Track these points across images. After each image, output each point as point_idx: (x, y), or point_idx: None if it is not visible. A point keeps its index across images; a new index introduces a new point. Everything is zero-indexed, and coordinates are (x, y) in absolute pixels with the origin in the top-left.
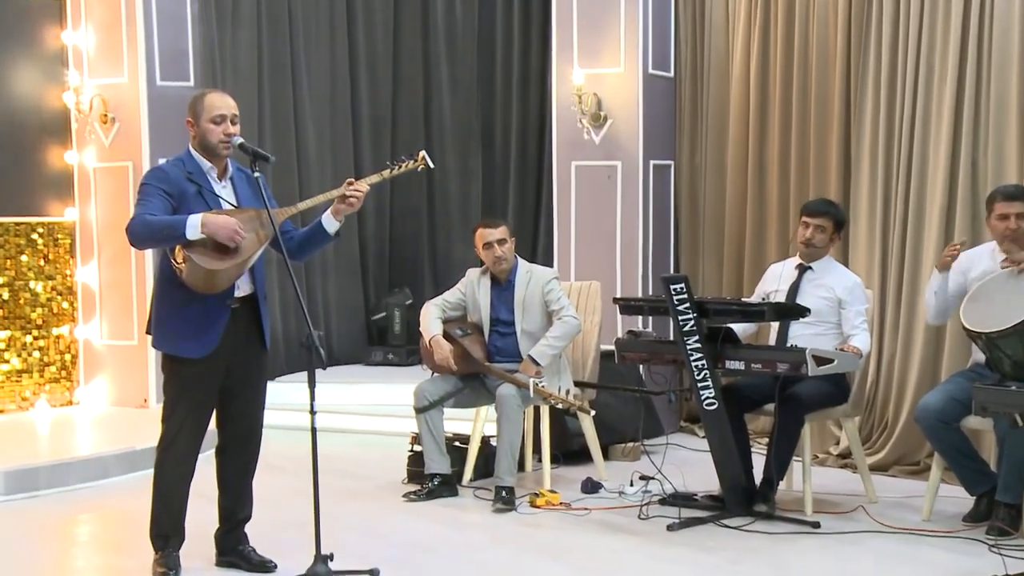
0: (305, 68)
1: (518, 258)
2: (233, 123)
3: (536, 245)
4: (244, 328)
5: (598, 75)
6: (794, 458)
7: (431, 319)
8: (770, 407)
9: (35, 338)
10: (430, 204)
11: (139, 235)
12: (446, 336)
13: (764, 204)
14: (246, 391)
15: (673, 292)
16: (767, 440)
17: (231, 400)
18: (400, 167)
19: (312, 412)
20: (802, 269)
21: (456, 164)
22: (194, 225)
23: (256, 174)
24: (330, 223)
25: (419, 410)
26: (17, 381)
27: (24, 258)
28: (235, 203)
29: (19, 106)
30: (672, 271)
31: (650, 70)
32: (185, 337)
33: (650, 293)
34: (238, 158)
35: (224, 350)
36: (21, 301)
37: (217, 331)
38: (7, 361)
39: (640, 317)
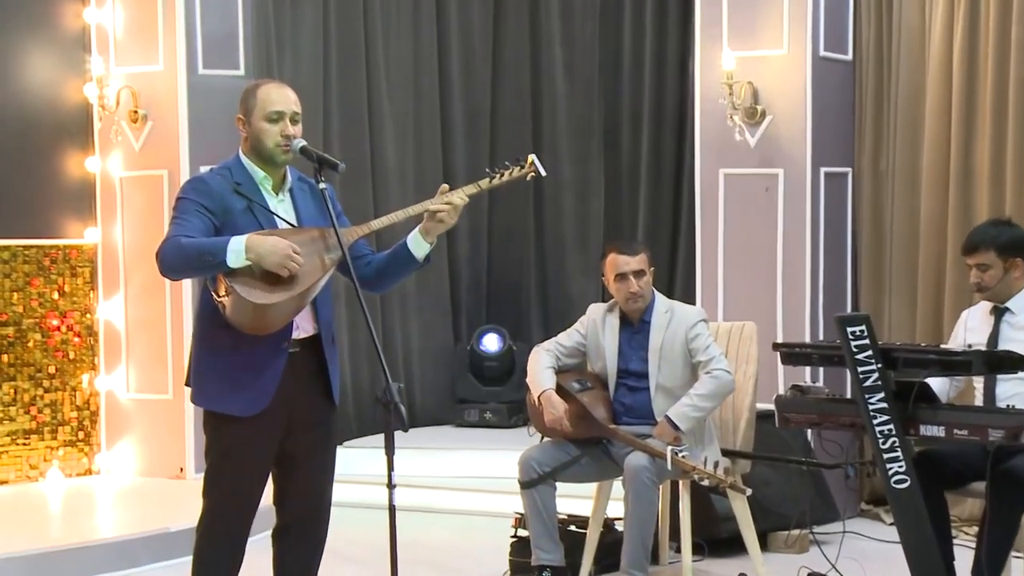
0: (383, 53)
1: (656, 293)
2: (293, 122)
3: (673, 276)
4: (305, 379)
5: (754, 59)
6: (1013, 553)
7: (541, 369)
8: (979, 485)
9: (46, 390)
10: (539, 223)
11: (171, 262)
12: (560, 391)
13: (970, 222)
14: (309, 459)
15: (851, 336)
16: (976, 528)
17: (291, 471)
18: (502, 175)
19: (390, 486)
20: (998, 312)
21: (573, 172)
22: (236, 249)
23: (322, 185)
24: (418, 245)
25: (525, 484)
26: (24, 444)
27: (34, 290)
28: (294, 221)
29: (30, 101)
30: (849, 309)
31: (822, 52)
32: (231, 390)
33: (820, 337)
34: (299, 166)
35: (281, 407)
36: (30, 344)
37: (271, 383)
38: (12, 419)
39: (808, 368)
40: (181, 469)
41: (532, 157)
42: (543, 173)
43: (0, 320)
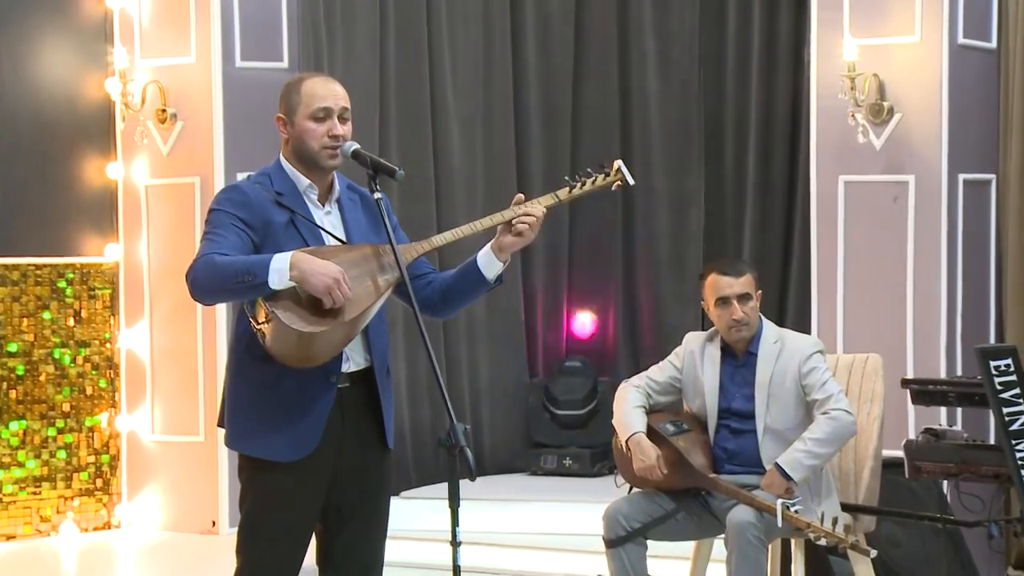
0: (448, 42)
1: (763, 320)
2: (343, 120)
3: (784, 300)
4: (357, 419)
5: (881, 48)
6: None
7: (630, 409)
8: None
9: (60, 431)
10: (627, 239)
11: (204, 284)
12: (651, 434)
13: None
14: (360, 512)
15: (995, 372)
16: None
17: (339, 525)
18: (584, 185)
19: (455, 544)
20: None
21: (667, 181)
22: (280, 268)
23: (376, 195)
24: (489, 263)
25: (612, 543)
26: (35, 493)
27: (47, 316)
28: (343, 237)
29: (44, 98)
30: (993, 339)
31: (960, 39)
32: (272, 431)
33: (958, 373)
34: (350, 172)
35: (328, 451)
36: (42, 378)
37: (317, 423)
38: (21, 464)
39: (943, 409)
40: (213, 523)
41: (619, 164)
42: (631, 182)
43: (8, 350)
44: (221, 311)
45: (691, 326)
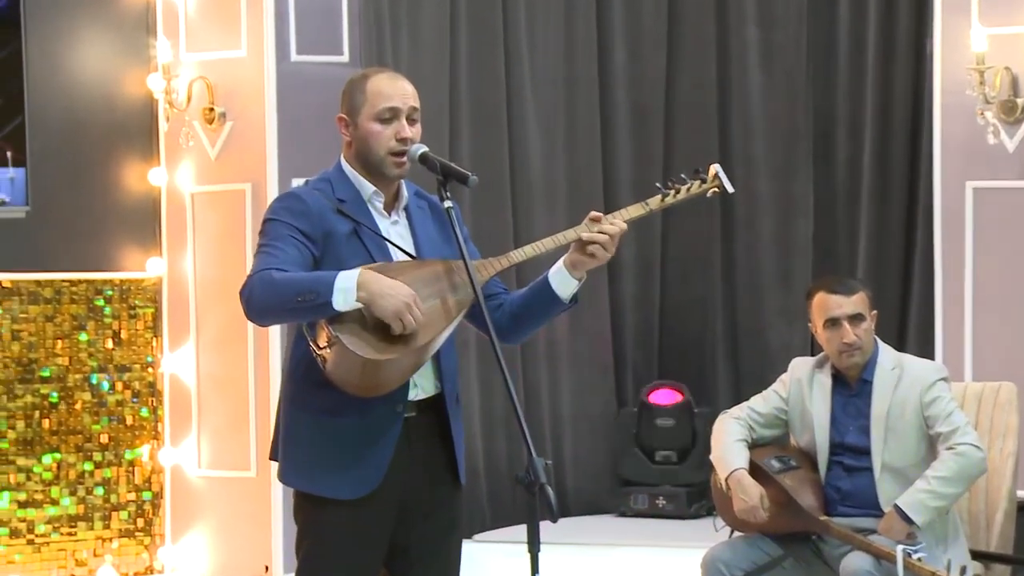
0: (526, 34)
1: (879, 344)
2: (411, 121)
3: (904, 322)
4: (425, 452)
5: (1013, 38)
6: None
7: (730, 443)
8: None
9: (97, 465)
10: (727, 253)
11: (260, 303)
12: (754, 471)
13: None
14: (428, 555)
15: None
16: None
17: (406, 568)
18: (678, 192)
19: None
20: None
21: (770, 186)
22: (346, 288)
23: (447, 204)
24: (563, 282)
25: None
26: (70, 534)
27: (83, 337)
28: (412, 250)
29: (79, 96)
30: None
31: None
32: (331, 466)
33: None
34: (419, 179)
35: (393, 487)
36: (77, 406)
37: (382, 457)
38: (54, 502)
39: None
40: (267, 568)
41: (716, 168)
42: (730, 189)
43: (40, 376)
44: (275, 332)
45: (798, 350)
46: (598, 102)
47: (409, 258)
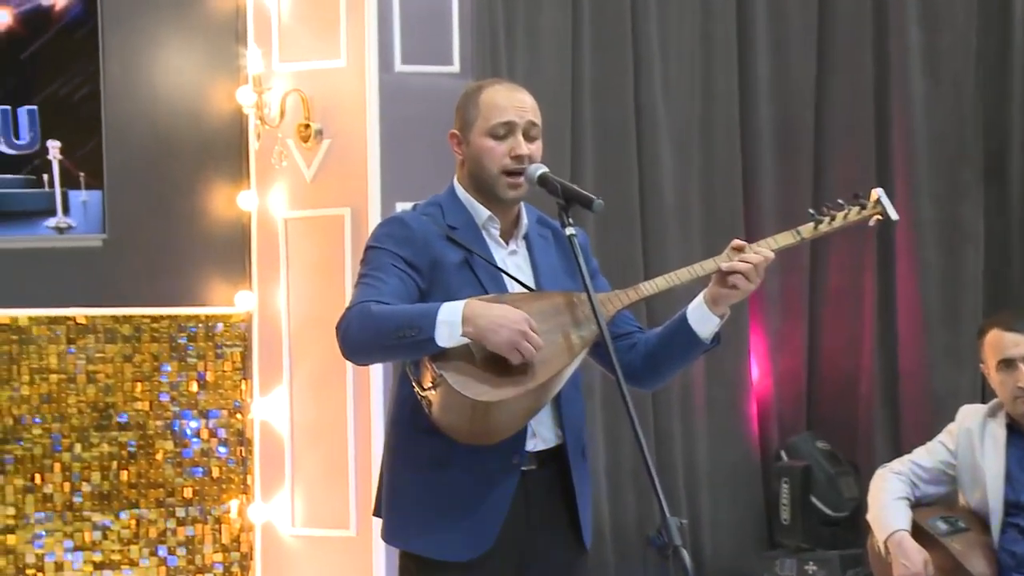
0: (658, 40)
1: None
2: (529, 138)
3: None
4: (545, 509)
5: None
6: None
7: (889, 501)
8: None
9: (180, 522)
10: (884, 283)
11: (357, 339)
12: (918, 534)
13: None
14: None
15: None
16: None
17: None
18: (833, 219)
19: None
20: None
21: (935, 210)
22: (450, 321)
23: (569, 230)
24: (703, 319)
25: None
26: None
27: (164, 379)
28: (531, 282)
29: (162, 111)
30: None
31: None
32: (440, 524)
33: None
34: (539, 202)
35: (509, 549)
36: (158, 456)
37: (496, 514)
38: (133, 562)
39: None
40: None
41: (878, 193)
42: (895, 217)
43: (117, 422)
44: (377, 373)
45: (967, 395)
46: (738, 116)
47: (526, 290)
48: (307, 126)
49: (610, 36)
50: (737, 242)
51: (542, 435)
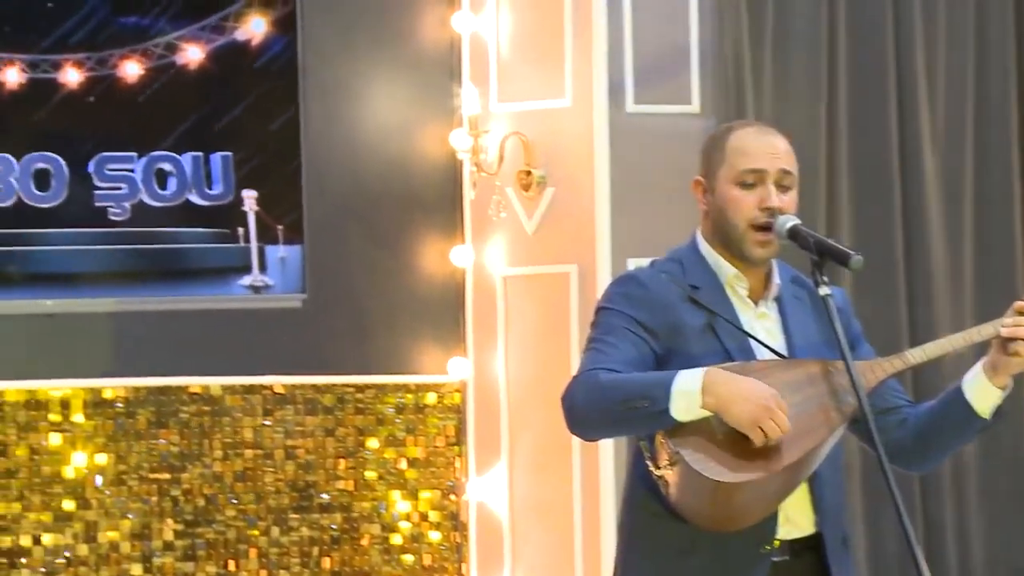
0: (925, 76)
1: None
2: (782, 188)
3: None
4: None
5: None
6: None
7: None
8: None
9: None
10: None
11: (585, 411)
12: None
13: None
14: None
15: None
16: None
17: None
18: None
19: None
20: None
21: None
22: (688, 391)
23: (824, 290)
24: (982, 391)
25: None
26: None
27: (370, 456)
28: (783, 349)
29: (366, 156)
30: None
31: None
32: None
33: None
34: (792, 259)
35: None
36: (364, 541)
37: None
38: None
39: None
40: None
41: None
42: None
43: (319, 503)
44: (608, 448)
45: None
46: (1015, 159)
47: (777, 357)
48: (528, 173)
49: (869, 72)
50: (1021, 304)
51: (795, 521)
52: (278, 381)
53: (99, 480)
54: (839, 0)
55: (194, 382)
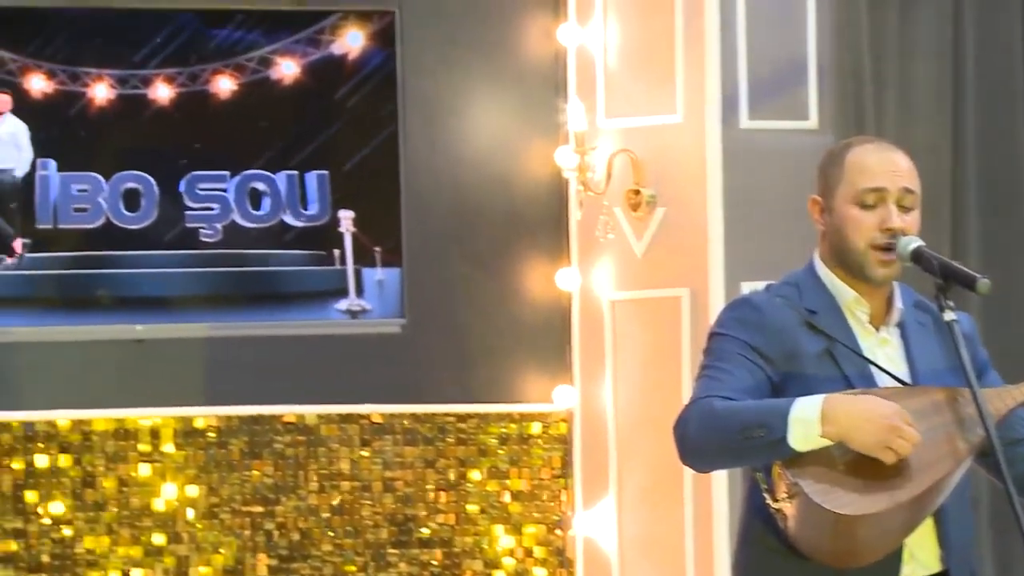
0: None
1: None
2: (904, 208)
3: None
4: None
5: None
6: None
7: None
8: None
9: None
10: None
11: (696, 440)
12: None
13: None
14: None
15: None
16: None
17: None
18: None
19: None
20: None
21: None
22: (806, 419)
23: (949, 315)
24: None
25: None
26: None
27: (472, 488)
28: (906, 377)
29: (469, 176)
30: None
31: None
32: None
33: None
34: (916, 283)
35: None
36: (466, 574)
37: None
38: None
39: None
40: None
41: None
42: None
43: (419, 537)
44: (722, 480)
45: None
46: None
47: (900, 384)
48: (637, 192)
49: (998, 87)
50: None
51: (920, 559)
52: (376, 410)
53: (190, 513)
54: (966, 10)
55: (289, 411)
